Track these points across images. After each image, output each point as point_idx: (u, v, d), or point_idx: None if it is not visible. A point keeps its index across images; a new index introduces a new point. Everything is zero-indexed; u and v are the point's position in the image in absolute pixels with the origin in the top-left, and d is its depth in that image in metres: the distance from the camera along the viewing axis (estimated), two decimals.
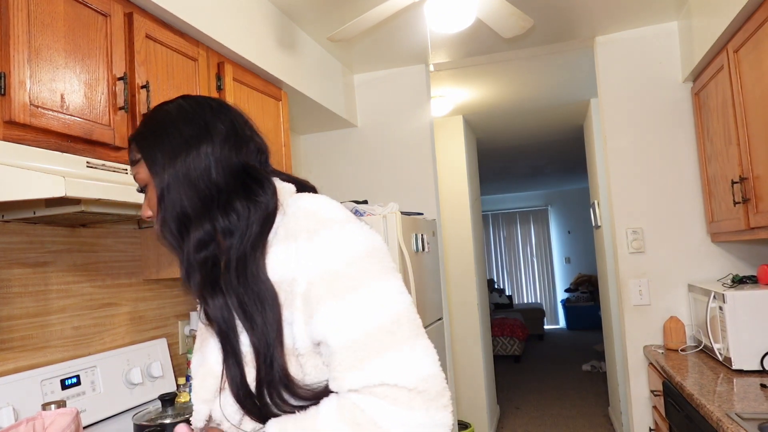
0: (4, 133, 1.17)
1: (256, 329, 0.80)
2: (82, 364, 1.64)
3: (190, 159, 0.85)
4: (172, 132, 0.87)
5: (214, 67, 1.94)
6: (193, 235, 0.84)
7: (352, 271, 0.77)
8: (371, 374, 0.74)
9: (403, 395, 0.73)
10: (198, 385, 0.87)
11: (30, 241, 1.57)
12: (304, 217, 0.82)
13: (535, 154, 6.45)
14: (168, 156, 0.85)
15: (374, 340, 0.75)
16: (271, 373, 0.79)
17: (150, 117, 0.92)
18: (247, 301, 0.80)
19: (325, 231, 0.79)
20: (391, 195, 3.16)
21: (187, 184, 0.84)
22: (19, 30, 1.20)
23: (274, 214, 0.85)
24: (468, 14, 1.95)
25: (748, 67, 2.04)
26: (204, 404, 0.86)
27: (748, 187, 2.10)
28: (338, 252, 0.78)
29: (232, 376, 0.82)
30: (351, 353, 0.75)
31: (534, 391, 5.61)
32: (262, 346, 0.80)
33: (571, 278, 9.84)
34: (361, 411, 0.73)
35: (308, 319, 0.78)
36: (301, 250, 0.79)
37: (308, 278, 0.78)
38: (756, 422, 1.52)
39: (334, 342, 0.76)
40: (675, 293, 2.77)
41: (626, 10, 2.66)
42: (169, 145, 0.86)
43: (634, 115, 2.86)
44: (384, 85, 3.27)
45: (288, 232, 0.82)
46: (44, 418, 1.19)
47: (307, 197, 0.86)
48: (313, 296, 0.77)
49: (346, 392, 0.76)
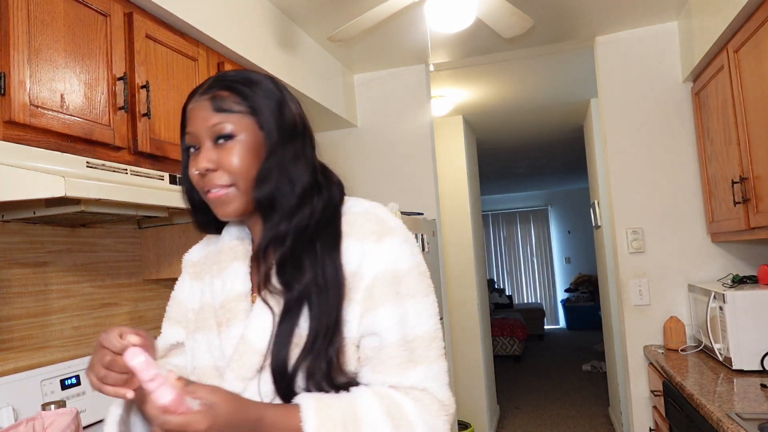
0: (4, 133, 1.17)
1: (321, 310, 0.82)
2: (82, 364, 1.64)
3: (306, 140, 0.91)
4: (266, 88, 0.90)
5: (214, 67, 1.94)
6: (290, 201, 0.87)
7: (411, 279, 0.84)
8: (414, 378, 0.80)
9: (435, 405, 0.80)
10: (238, 364, 0.84)
11: (30, 241, 1.57)
12: (373, 220, 0.87)
13: (535, 154, 6.45)
14: (289, 129, 0.89)
15: (420, 347, 0.82)
16: (322, 355, 0.81)
17: (237, 71, 0.92)
18: (319, 281, 0.83)
19: (392, 237, 0.85)
20: (391, 195, 3.16)
21: (303, 159, 0.89)
22: (19, 30, 1.20)
23: (340, 206, 0.90)
24: (468, 14, 1.95)
25: (748, 67, 2.04)
26: (242, 382, 0.84)
27: (748, 187, 2.10)
28: (402, 259, 0.85)
29: (281, 353, 0.81)
30: (402, 352, 0.81)
31: (534, 391, 5.61)
32: (322, 327, 0.81)
33: (571, 278, 9.84)
34: (399, 407, 0.78)
35: (366, 312, 0.82)
36: (368, 249, 0.84)
37: (374, 274, 0.83)
38: (756, 422, 1.52)
39: (390, 338, 0.81)
40: (675, 293, 2.76)
41: (626, 10, 2.66)
42: (290, 118, 0.90)
43: (634, 115, 2.86)
44: (384, 85, 3.27)
45: (353, 230, 0.86)
46: (44, 418, 1.19)
47: (370, 203, 0.92)
48: (378, 291, 0.82)
49: (387, 388, 0.80)
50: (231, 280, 0.91)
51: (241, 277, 0.91)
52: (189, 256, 1.05)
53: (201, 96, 0.89)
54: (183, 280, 1.03)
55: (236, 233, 0.96)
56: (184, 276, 1.03)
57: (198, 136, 0.87)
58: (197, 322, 0.94)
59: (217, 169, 0.85)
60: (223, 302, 0.90)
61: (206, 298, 0.95)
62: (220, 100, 0.87)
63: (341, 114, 3.02)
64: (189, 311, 0.99)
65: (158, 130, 1.60)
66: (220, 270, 0.93)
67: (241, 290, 0.90)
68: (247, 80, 0.90)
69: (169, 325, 1.02)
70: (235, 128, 0.86)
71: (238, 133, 0.86)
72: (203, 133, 0.87)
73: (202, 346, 0.91)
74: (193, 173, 0.87)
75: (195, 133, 0.87)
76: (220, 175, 0.85)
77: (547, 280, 10.08)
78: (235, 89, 0.88)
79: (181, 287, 1.03)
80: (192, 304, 0.99)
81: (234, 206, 0.86)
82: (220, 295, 0.91)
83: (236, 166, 0.85)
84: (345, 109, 3.10)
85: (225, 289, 0.90)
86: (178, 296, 1.02)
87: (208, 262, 0.99)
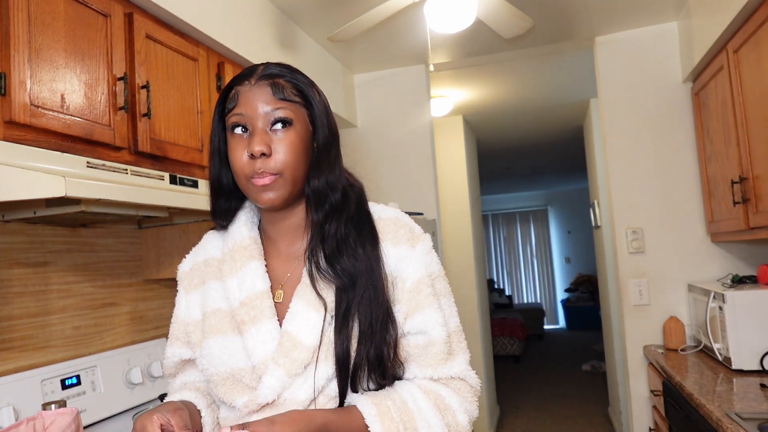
0: (5, 133, 1.17)
1: (373, 299, 0.86)
2: (83, 363, 1.64)
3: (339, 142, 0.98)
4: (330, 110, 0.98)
5: (215, 67, 1.94)
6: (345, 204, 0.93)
7: (441, 281, 0.94)
8: (455, 369, 0.89)
9: (469, 391, 0.90)
10: (284, 359, 0.83)
11: (30, 241, 1.57)
12: (404, 227, 0.94)
13: (535, 154, 6.45)
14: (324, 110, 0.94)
15: (455, 341, 0.91)
16: (382, 343, 0.85)
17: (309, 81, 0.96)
18: (373, 271, 0.88)
19: (421, 243, 0.93)
20: (391, 195, 3.16)
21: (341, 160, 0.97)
22: (20, 30, 1.20)
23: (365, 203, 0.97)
24: (468, 14, 1.95)
25: (748, 67, 2.04)
26: (290, 378, 0.83)
27: (748, 187, 2.10)
28: (434, 262, 0.94)
29: (345, 344, 0.83)
30: (445, 348, 0.89)
31: (534, 391, 5.61)
32: (378, 316, 0.85)
33: (571, 278, 9.84)
34: (442, 398, 0.87)
35: (413, 312, 0.88)
36: (405, 254, 0.91)
37: (418, 277, 0.90)
38: (756, 422, 1.52)
39: (438, 336, 0.88)
40: (675, 293, 2.77)
41: (626, 11, 2.66)
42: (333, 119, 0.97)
43: (634, 115, 2.86)
44: (384, 85, 3.27)
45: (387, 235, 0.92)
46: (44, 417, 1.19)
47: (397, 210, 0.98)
48: (423, 293, 0.89)
49: (427, 380, 0.88)
50: (251, 279, 0.90)
51: (261, 275, 0.90)
52: (182, 267, 1.03)
53: (259, 80, 0.88)
54: (179, 295, 1.02)
55: (247, 233, 0.95)
56: (180, 291, 1.02)
57: (252, 118, 0.87)
58: (206, 329, 0.92)
59: (271, 154, 0.85)
60: (244, 301, 0.88)
61: (215, 304, 0.92)
62: (281, 88, 0.88)
63: (341, 114, 3.02)
64: (189, 325, 0.97)
65: (158, 130, 1.60)
66: (235, 270, 0.91)
67: (263, 288, 0.89)
68: (305, 77, 0.94)
69: (170, 344, 1.01)
70: (294, 117, 0.88)
71: (296, 123, 0.88)
72: (258, 115, 0.86)
73: (215, 352, 0.89)
74: (241, 155, 0.86)
75: (248, 114, 0.87)
76: (270, 161, 0.85)
77: (547, 280, 10.08)
78: (294, 81, 0.91)
79: (178, 304, 1.02)
80: (192, 317, 0.97)
81: (279, 194, 0.87)
82: (238, 294, 0.90)
83: (289, 155, 0.86)
84: (345, 109, 3.10)
85: (244, 287, 0.89)
86: (177, 313, 1.02)
87: (209, 267, 0.97)
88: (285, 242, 0.95)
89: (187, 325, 0.97)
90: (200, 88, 1.82)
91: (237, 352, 0.87)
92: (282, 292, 0.91)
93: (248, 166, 0.86)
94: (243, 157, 0.86)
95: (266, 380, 0.83)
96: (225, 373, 0.88)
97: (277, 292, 0.91)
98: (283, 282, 0.92)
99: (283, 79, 0.89)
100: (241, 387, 0.86)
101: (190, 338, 0.97)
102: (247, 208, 0.98)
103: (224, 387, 0.88)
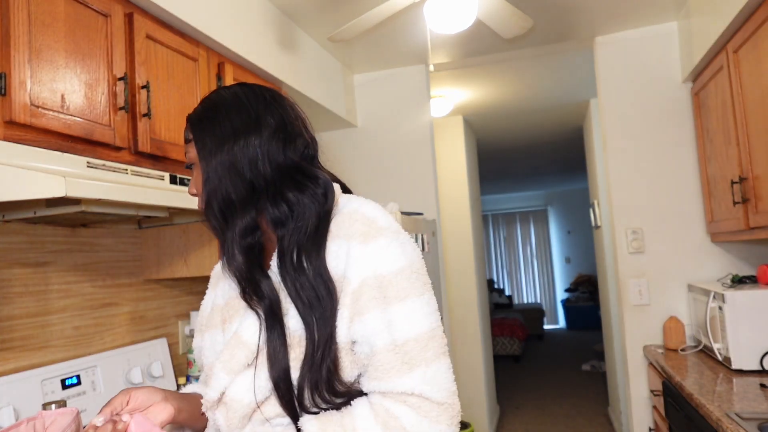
0: (5, 133, 1.17)
1: (313, 319, 0.81)
2: (83, 363, 1.64)
3: (237, 148, 0.87)
4: (222, 119, 0.90)
5: (215, 67, 1.94)
6: (238, 222, 0.87)
7: (401, 281, 0.82)
8: (408, 383, 0.78)
9: (433, 409, 0.78)
10: (228, 356, 0.85)
11: (30, 241, 1.57)
12: (361, 221, 0.85)
13: (535, 154, 6.45)
14: (216, 142, 0.88)
15: (414, 350, 0.79)
16: (320, 363, 0.80)
17: (206, 99, 0.95)
18: (305, 291, 0.82)
19: (380, 238, 0.83)
20: (391, 195, 3.16)
21: (233, 172, 0.87)
22: (20, 30, 1.20)
23: (330, 210, 0.88)
24: (468, 15, 1.95)
25: (748, 68, 2.04)
26: (229, 375, 0.84)
27: (748, 187, 2.10)
28: (390, 260, 0.82)
29: (275, 353, 0.82)
30: (392, 357, 0.79)
31: (534, 391, 5.61)
32: (318, 336, 0.81)
33: (571, 278, 9.84)
34: (395, 418, 0.77)
35: (354, 317, 0.81)
36: (354, 251, 0.82)
37: (362, 278, 0.81)
38: (755, 422, 1.52)
39: (379, 344, 0.79)
40: (675, 293, 2.77)
41: (626, 11, 2.66)
42: (219, 131, 0.89)
43: (633, 115, 2.86)
44: (384, 85, 3.27)
45: (341, 231, 0.85)
46: (44, 417, 1.19)
47: (362, 201, 0.90)
48: (365, 296, 0.81)
49: (379, 396, 0.80)
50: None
51: None
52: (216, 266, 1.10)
53: None
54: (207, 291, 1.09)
55: None
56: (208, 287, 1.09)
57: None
58: (206, 323, 0.99)
59: (195, 194, 0.96)
60: (228, 300, 0.95)
61: (217, 300, 1.00)
62: (186, 130, 0.96)
63: (341, 114, 3.02)
64: (203, 317, 1.04)
65: (159, 131, 1.60)
66: None
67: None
68: (202, 102, 0.96)
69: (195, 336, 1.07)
70: (191, 156, 0.94)
71: (195, 162, 0.93)
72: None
73: (207, 344, 0.96)
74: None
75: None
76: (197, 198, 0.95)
77: (547, 280, 10.08)
78: (190, 117, 0.95)
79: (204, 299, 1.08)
80: (205, 311, 1.04)
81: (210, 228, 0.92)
82: (226, 294, 0.96)
83: (195, 194, 0.95)
84: (345, 109, 3.10)
85: (232, 287, 0.94)
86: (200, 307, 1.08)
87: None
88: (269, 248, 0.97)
89: (202, 318, 1.04)
90: (200, 88, 1.82)
91: (218, 347, 0.93)
92: None
93: None
94: None
95: (213, 379, 0.87)
96: (206, 366, 0.94)
97: None
98: None
99: (188, 122, 0.96)
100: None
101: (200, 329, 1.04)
102: None
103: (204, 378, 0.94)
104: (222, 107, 0.91)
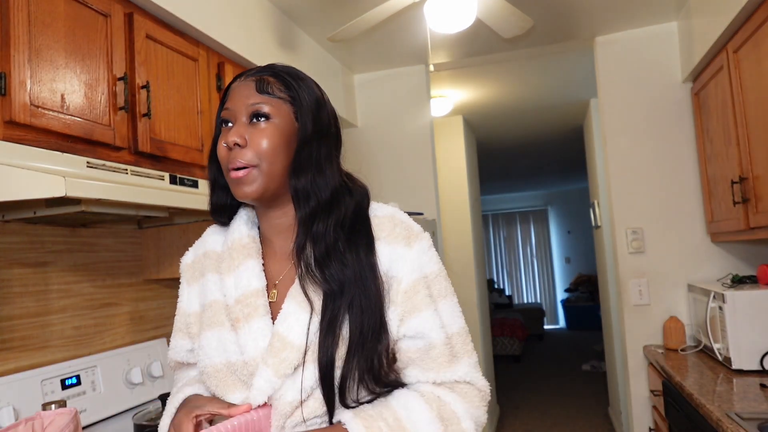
0: (5, 133, 1.17)
1: (365, 307, 0.84)
2: (83, 363, 1.64)
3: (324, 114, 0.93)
4: (312, 85, 0.94)
5: (215, 67, 1.94)
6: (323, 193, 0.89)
7: (441, 281, 0.90)
8: (459, 372, 0.87)
9: (477, 395, 0.88)
10: (276, 360, 0.83)
11: (30, 241, 1.57)
12: (401, 225, 0.91)
13: (535, 154, 6.45)
14: (314, 104, 0.92)
15: (459, 343, 0.88)
16: (373, 353, 0.83)
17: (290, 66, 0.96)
18: (357, 283, 0.85)
19: (420, 242, 0.90)
20: (391, 195, 3.16)
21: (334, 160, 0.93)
22: (20, 30, 1.20)
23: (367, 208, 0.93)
24: (468, 15, 1.95)
25: (748, 68, 2.04)
26: (279, 378, 0.82)
27: (748, 187, 2.10)
28: (432, 262, 0.91)
29: (325, 348, 0.82)
30: (446, 350, 0.86)
31: (534, 391, 5.61)
32: (368, 324, 0.83)
33: (571, 278, 9.84)
34: (447, 405, 0.84)
35: (407, 314, 0.86)
36: (400, 253, 0.88)
37: (413, 278, 0.87)
38: (755, 422, 1.52)
39: (436, 339, 0.86)
40: (675, 293, 2.77)
41: (626, 11, 2.66)
42: (313, 93, 0.93)
43: (633, 115, 2.86)
44: (384, 85, 3.27)
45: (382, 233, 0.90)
46: (43, 418, 1.19)
47: (392, 207, 0.96)
48: (419, 295, 0.87)
49: (431, 386, 0.86)
50: (247, 277, 0.90)
51: (257, 274, 0.91)
52: (184, 259, 1.05)
53: (247, 77, 0.92)
54: (182, 287, 1.04)
55: (247, 231, 0.96)
56: (182, 283, 1.04)
57: (235, 112, 0.89)
58: (203, 321, 0.94)
59: (245, 145, 0.87)
60: (239, 298, 0.89)
61: (213, 296, 0.94)
62: (265, 83, 0.90)
63: (341, 114, 3.02)
64: (189, 316, 0.99)
65: (158, 130, 1.60)
66: (232, 267, 0.92)
67: (258, 286, 0.90)
68: (295, 73, 0.94)
69: (175, 336, 1.03)
70: (273, 111, 0.89)
71: (275, 116, 0.88)
72: (241, 109, 0.89)
73: (212, 344, 0.90)
74: (221, 147, 0.89)
75: (233, 109, 0.90)
76: (246, 152, 0.87)
77: (547, 280, 10.08)
78: (281, 77, 0.92)
79: (181, 296, 1.03)
80: (192, 308, 0.99)
81: (254, 188, 0.87)
82: (234, 291, 0.91)
83: (265, 146, 0.87)
84: (345, 109, 3.10)
85: (240, 285, 0.90)
86: (180, 305, 1.03)
87: (208, 260, 0.98)
88: (279, 241, 0.95)
89: (188, 316, 0.99)
90: (200, 88, 1.82)
91: (231, 345, 0.88)
92: (276, 292, 0.92)
93: (225, 157, 0.89)
94: (222, 149, 0.89)
95: (256, 382, 0.84)
96: (219, 364, 0.88)
97: (271, 291, 0.92)
98: (278, 281, 0.93)
99: (271, 76, 0.92)
100: (234, 380, 0.87)
101: (190, 330, 0.99)
102: (249, 206, 0.99)
103: (216, 379, 0.89)
104: (321, 94, 0.95)
